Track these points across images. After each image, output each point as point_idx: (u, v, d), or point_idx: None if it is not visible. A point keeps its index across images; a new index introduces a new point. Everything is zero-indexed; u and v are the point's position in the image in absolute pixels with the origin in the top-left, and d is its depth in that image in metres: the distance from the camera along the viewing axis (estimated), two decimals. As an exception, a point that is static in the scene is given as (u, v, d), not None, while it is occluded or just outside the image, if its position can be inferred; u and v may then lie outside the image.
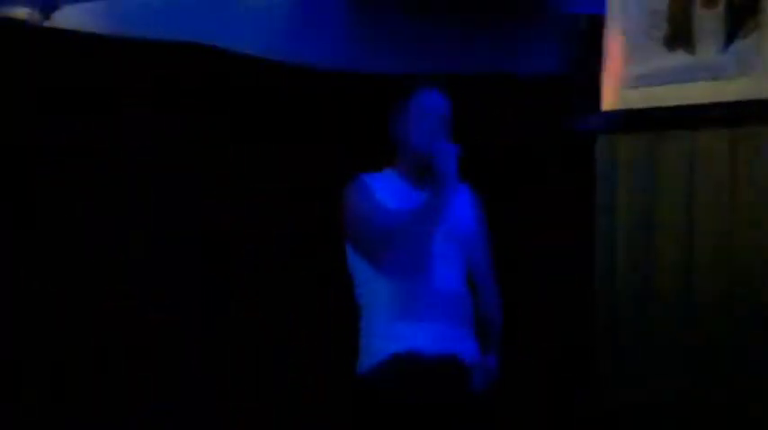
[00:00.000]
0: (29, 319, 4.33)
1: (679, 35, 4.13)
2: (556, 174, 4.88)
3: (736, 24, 3.97)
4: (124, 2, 4.67)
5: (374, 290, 3.69)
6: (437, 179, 3.62)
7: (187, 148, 4.62)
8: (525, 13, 5.10)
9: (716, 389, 3.92)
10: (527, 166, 4.93)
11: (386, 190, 3.75)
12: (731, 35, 3.97)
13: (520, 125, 4.93)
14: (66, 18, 4.56)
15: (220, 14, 4.81)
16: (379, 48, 5.04)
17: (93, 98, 4.46)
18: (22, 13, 4.49)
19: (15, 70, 4.33)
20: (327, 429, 4.45)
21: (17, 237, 4.33)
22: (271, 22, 4.97)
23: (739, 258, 3.95)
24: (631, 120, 4.25)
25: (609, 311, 4.27)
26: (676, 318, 4.09)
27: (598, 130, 4.31)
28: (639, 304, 4.19)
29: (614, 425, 4.19)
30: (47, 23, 4.52)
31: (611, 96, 4.32)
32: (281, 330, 4.75)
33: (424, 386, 3.63)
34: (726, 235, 3.99)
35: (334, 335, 4.28)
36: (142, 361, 4.51)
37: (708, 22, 4.04)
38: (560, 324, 4.79)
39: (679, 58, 4.16)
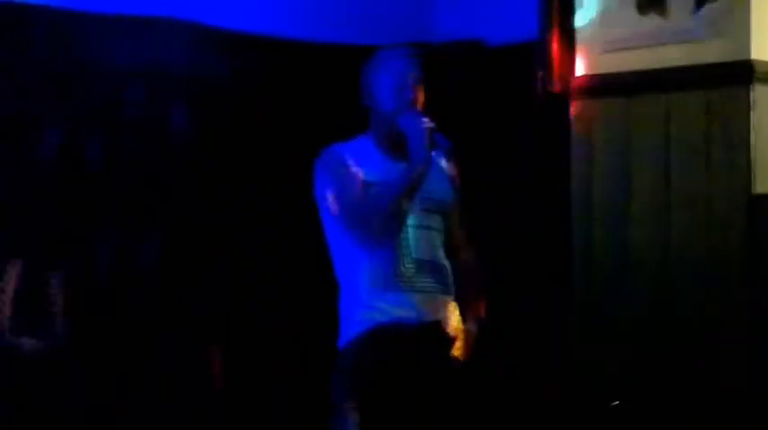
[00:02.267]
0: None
1: (651, -1, 4.16)
2: (531, 139, 4.89)
3: (706, -14, 4.01)
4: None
5: (354, 262, 3.68)
6: (410, 150, 3.61)
7: (168, 125, 4.65)
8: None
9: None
10: (502, 132, 4.94)
11: (360, 160, 3.71)
12: (702, -3, 4.01)
13: (494, 92, 4.94)
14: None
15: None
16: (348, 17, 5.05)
17: (67, 75, 4.46)
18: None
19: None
20: (310, 400, 4.47)
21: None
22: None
23: (715, 218, 3.99)
24: (605, 83, 4.26)
25: (587, 274, 4.30)
26: (653, 279, 4.12)
27: (573, 95, 4.32)
28: (617, 267, 4.21)
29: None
30: None
31: (586, 61, 4.33)
32: (260, 305, 4.80)
33: (407, 355, 3.64)
34: (701, 195, 4.02)
35: (314, 308, 4.30)
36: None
37: (679, -16, 4.07)
38: (540, 288, 4.81)
39: (651, 22, 4.17)
